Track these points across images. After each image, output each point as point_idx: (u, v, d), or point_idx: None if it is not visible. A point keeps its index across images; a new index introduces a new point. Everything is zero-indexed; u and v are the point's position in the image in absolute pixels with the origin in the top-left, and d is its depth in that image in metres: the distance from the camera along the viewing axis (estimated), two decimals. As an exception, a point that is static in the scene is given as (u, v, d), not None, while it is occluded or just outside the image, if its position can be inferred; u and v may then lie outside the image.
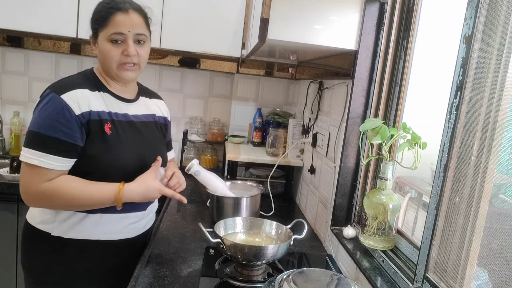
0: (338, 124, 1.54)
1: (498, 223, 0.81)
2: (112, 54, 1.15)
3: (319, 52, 1.67)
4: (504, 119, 0.79)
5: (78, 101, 1.11)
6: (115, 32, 1.13)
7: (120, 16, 1.14)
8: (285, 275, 0.94)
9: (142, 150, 1.25)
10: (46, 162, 1.07)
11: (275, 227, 1.34)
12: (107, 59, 1.16)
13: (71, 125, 1.09)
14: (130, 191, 1.14)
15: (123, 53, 1.15)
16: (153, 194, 1.19)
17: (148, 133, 1.31)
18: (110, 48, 1.15)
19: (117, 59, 1.16)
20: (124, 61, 1.16)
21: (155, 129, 1.35)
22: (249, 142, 2.50)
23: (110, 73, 1.20)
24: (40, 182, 1.08)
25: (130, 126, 1.24)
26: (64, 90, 1.11)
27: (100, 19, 1.15)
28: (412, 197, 1.31)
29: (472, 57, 0.85)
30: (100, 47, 1.17)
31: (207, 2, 2.12)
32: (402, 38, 1.28)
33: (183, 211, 1.81)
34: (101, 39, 1.16)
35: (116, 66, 1.17)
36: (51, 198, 1.10)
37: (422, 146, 1.09)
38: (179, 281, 1.18)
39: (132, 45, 1.16)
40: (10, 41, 2.41)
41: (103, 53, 1.16)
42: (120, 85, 1.25)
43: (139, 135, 1.26)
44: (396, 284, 1.07)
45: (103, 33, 1.15)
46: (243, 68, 2.48)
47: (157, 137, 1.36)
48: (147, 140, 1.29)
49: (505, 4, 0.80)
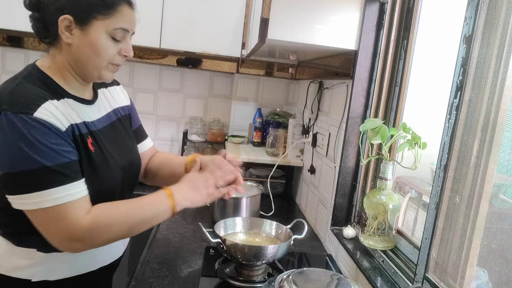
0: (338, 124, 1.54)
1: (498, 223, 0.81)
2: (109, 51, 0.93)
3: (319, 52, 1.67)
4: (504, 119, 0.79)
5: (55, 115, 0.86)
6: (121, 28, 0.92)
7: (128, 11, 0.94)
8: (285, 275, 0.94)
9: (123, 160, 1.04)
10: (74, 191, 0.86)
11: (275, 227, 1.34)
12: (98, 56, 0.92)
13: (65, 141, 0.87)
14: (179, 192, 0.98)
15: (120, 52, 0.95)
16: (208, 190, 1.01)
17: (120, 136, 1.09)
18: (109, 43, 0.92)
19: (110, 58, 0.94)
20: (117, 61, 0.96)
21: (124, 126, 1.14)
22: (249, 142, 2.50)
23: (90, 72, 0.95)
24: (82, 218, 0.85)
25: (103, 134, 1.01)
26: (31, 106, 0.83)
27: (103, 5, 0.90)
28: (412, 197, 1.31)
29: (472, 57, 0.85)
30: (92, 38, 0.90)
31: (207, 2, 2.12)
32: (402, 38, 1.28)
33: (183, 211, 1.80)
34: (96, 29, 0.90)
35: (106, 65, 0.95)
36: (108, 228, 0.89)
37: (422, 146, 1.09)
38: (179, 281, 1.18)
39: (130, 44, 0.98)
40: (10, 41, 2.41)
41: (94, 46, 0.91)
42: (81, 83, 0.98)
43: (114, 143, 1.04)
44: (396, 284, 1.07)
45: (103, 23, 0.90)
46: (243, 68, 2.48)
47: (129, 137, 1.15)
48: (123, 147, 1.08)
49: (505, 4, 0.80)
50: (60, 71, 0.95)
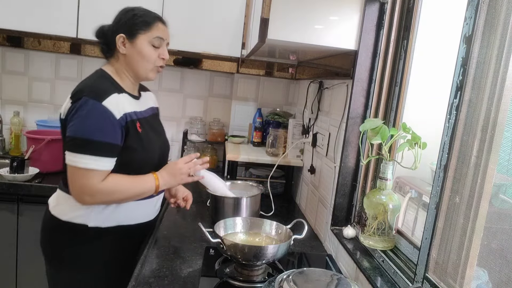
0: (338, 124, 1.54)
1: (498, 223, 0.81)
2: (152, 55, 1.30)
3: (319, 52, 1.67)
4: (504, 119, 0.79)
5: (117, 105, 1.22)
6: (158, 36, 1.30)
7: (162, 26, 1.33)
8: (285, 275, 0.94)
9: (159, 142, 1.42)
10: (102, 164, 1.19)
11: (275, 227, 1.34)
12: (144, 59, 1.30)
13: (116, 128, 1.21)
14: (162, 178, 1.33)
15: (159, 56, 1.32)
16: (181, 177, 1.36)
17: (158, 125, 1.48)
18: (151, 50, 1.30)
19: (153, 60, 1.31)
20: (159, 64, 1.34)
21: (159, 120, 1.52)
22: (249, 142, 2.50)
23: (139, 72, 1.32)
24: (97, 183, 1.20)
25: (147, 122, 1.37)
26: (103, 96, 1.20)
27: (144, 23, 1.29)
28: (412, 197, 1.31)
29: (472, 57, 0.85)
30: (139, 47, 1.29)
31: (207, 2, 2.12)
32: (402, 38, 1.28)
33: (183, 211, 1.80)
34: (141, 41, 1.29)
35: (152, 67, 1.32)
36: (110, 195, 1.25)
37: (422, 146, 1.09)
38: (179, 281, 1.18)
39: (167, 50, 1.35)
40: (10, 41, 2.41)
41: (141, 53, 1.29)
42: (132, 83, 1.36)
43: (154, 128, 1.41)
44: (396, 284, 1.07)
45: (146, 35, 1.29)
46: (243, 68, 2.48)
47: (162, 127, 1.52)
48: (159, 133, 1.46)
49: (505, 4, 0.80)
50: (119, 74, 1.33)
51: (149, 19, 1.30)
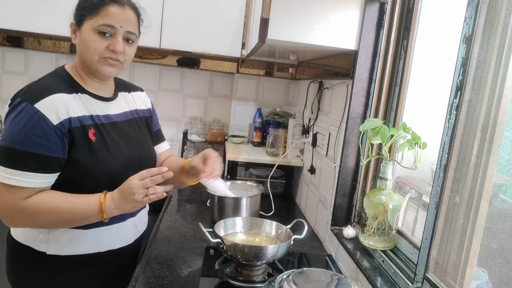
0: (338, 124, 1.54)
1: (498, 223, 0.81)
2: (96, 45, 1.03)
3: (319, 52, 1.67)
4: (504, 119, 0.79)
5: (56, 108, 0.99)
6: (105, 24, 1.03)
7: (114, 8, 1.04)
8: (285, 275, 0.94)
9: (130, 152, 1.16)
10: (24, 181, 0.96)
11: (275, 227, 1.34)
12: (88, 51, 1.04)
13: (49, 137, 0.98)
14: (111, 199, 1.01)
15: (108, 47, 1.04)
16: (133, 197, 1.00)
17: (134, 132, 1.22)
18: (95, 39, 1.03)
19: (100, 52, 1.04)
20: (107, 55, 1.05)
21: (140, 125, 1.26)
22: (249, 142, 2.50)
23: (89, 67, 1.08)
24: (18, 200, 0.98)
25: (114, 128, 1.14)
26: (38, 97, 0.98)
27: (91, 6, 1.04)
28: (412, 197, 1.31)
29: (472, 57, 0.85)
30: (83, 36, 1.05)
31: (207, 2, 2.12)
32: (402, 38, 1.28)
33: (183, 211, 1.81)
34: (86, 28, 1.04)
35: (98, 59, 1.05)
36: (34, 216, 1.00)
37: (422, 146, 1.09)
38: (179, 281, 1.18)
39: (121, 41, 1.06)
40: (10, 41, 2.41)
41: (84, 44, 1.04)
42: (98, 82, 1.13)
43: (125, 136, 1.17)
44: (396, 284, 1.07)
45: (91, 22, 1.03)
46: (243, 68, 2.48)
47: (144, 135, 1.27)
48: (134, 140, 1.20)
49: (505, 4, 0.80)
50: (77, 70, 1.11)
51: (96, 1, 1.04)
